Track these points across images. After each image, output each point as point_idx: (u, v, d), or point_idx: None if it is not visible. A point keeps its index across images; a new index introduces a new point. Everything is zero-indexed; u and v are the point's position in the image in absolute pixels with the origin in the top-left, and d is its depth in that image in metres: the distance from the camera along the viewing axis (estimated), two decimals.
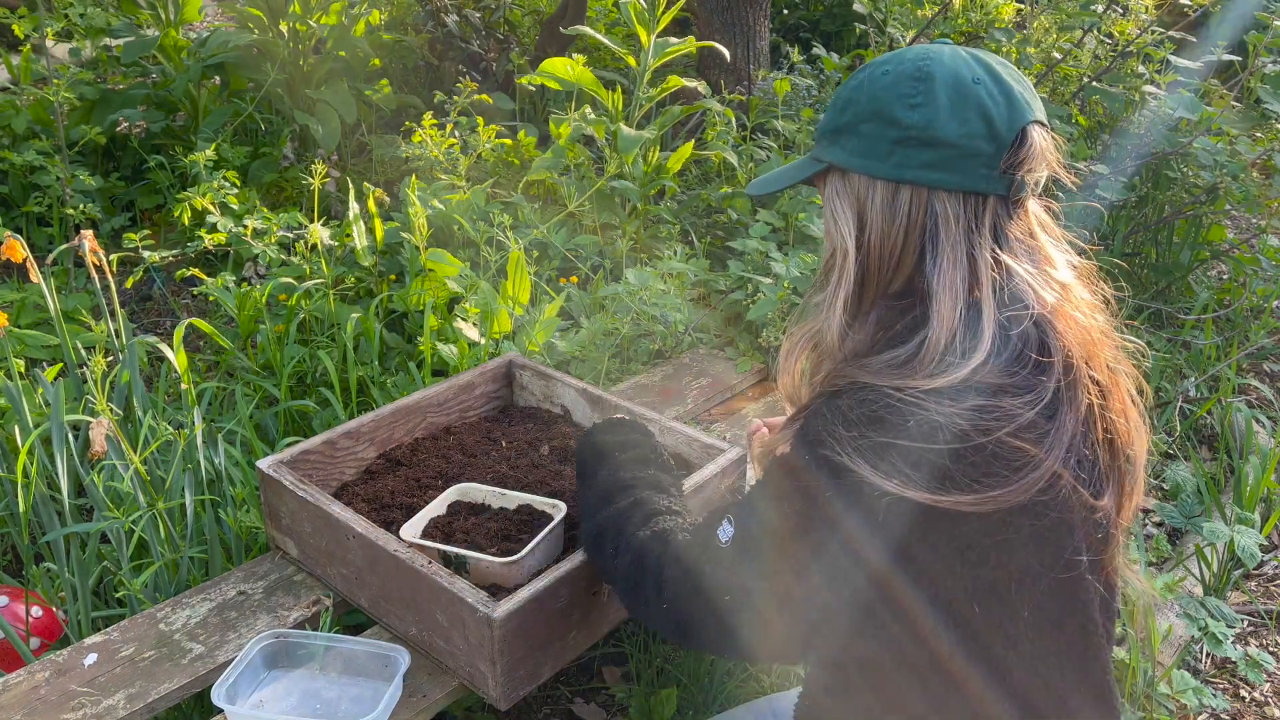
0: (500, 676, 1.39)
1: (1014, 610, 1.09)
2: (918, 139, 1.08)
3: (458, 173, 2.99)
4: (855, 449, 1.03)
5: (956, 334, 1.06)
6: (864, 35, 4.32)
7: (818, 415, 1.08)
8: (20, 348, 2.46)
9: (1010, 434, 1.01)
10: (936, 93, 1.08)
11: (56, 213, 3.47)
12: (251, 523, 1.85)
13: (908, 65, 1.11)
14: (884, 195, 1.11)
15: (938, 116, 1.08)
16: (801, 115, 3.42)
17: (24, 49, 4.28)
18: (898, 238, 1.11)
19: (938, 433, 1.01)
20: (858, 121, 1.12)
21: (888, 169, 1.10)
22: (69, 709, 1.42)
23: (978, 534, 1.04)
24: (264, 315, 2.53)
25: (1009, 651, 1.10)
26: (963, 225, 1.10)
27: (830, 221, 1.16)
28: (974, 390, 1.03)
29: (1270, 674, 2.26)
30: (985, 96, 1.09)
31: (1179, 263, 3.53)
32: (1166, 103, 3.21)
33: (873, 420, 1.03)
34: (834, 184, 1.16)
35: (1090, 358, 1.10)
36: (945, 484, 1.01)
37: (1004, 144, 1.08)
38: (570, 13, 4.59)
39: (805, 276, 2.40)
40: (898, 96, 1.09)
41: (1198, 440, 3.06)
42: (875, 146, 1.11)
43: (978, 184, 1.09)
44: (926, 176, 1.09)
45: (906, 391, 1.03)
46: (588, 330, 2.47)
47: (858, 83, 1.14)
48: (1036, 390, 1.04)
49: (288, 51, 4.01)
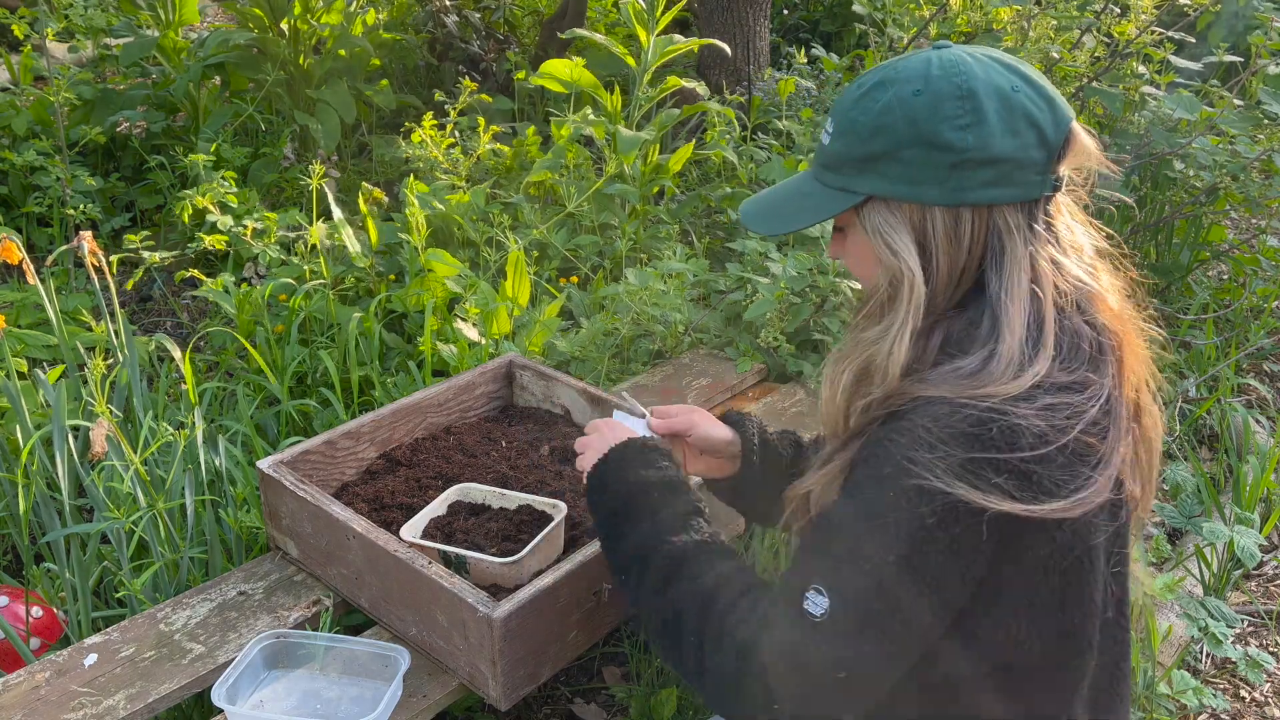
0: (500, 677, 1.39)
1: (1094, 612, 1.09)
2: (975, 160, 1.04)
3: (458, 173, 2.99)
4: (945, 469, 0.98)
5: (1023, 340, 1.05)
6: (864, 35, 4.33)
7: (888, 445, 1.03)
8: (20, 348, 2.46)
9: (1082, 431, 1.01)
10: (984, 109, 1.04)
11: (57, 213, 3.47)
12: (252, 523, 1.85)
13: (943, 83, 1.05)
14: (945, 220, 1.07)
15: (991, 134, 1.04)
16: (801, 115, 3.42)
17: (24, 49, 4.28)
18: (963, 259, 1.08)
19: (1021, 438, 0.99)
20: (897, 148, 1.06)
21: (945, 194, 1.06)
22: (69, 709, 1.42)
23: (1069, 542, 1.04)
24: (263, 316, 2.53)
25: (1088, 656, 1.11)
26: (1022, 232, 1.08)
27: (884, 252, 1.09)
28: (1042, 390, 1.02)
29: (1270, 674, 2.26)
30: (1029, 104, 1.06)
31: (1179, 263, 3.52)
32: (1165, 103, 3.21)
33: (955, 436, 0.99)
34: (877, 214, 1.10)
35: (1125, 345, 1.11)
36: (1038, 492, 0.99)
37: (1054, 149, 1.07)
38: (570, 13, 4.59)
39: (803, 276, 2.40)
40: (943, 119, 1.04)
41: (1197, 440, 3.06)
42: (925, 172, 1.06)
43: (1032, 191, 1.08)
44: (987, 195, 1.06)
45: (985, 400, 1.00)
46: (588, 330, 2.48)
47: (883, 106, 1.07)
48: (1094, 386, 1.04)
49: (288, 51, 4.01)
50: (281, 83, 3.97)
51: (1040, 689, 1.12)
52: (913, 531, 1.00)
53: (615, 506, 1.29)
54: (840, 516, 1.07)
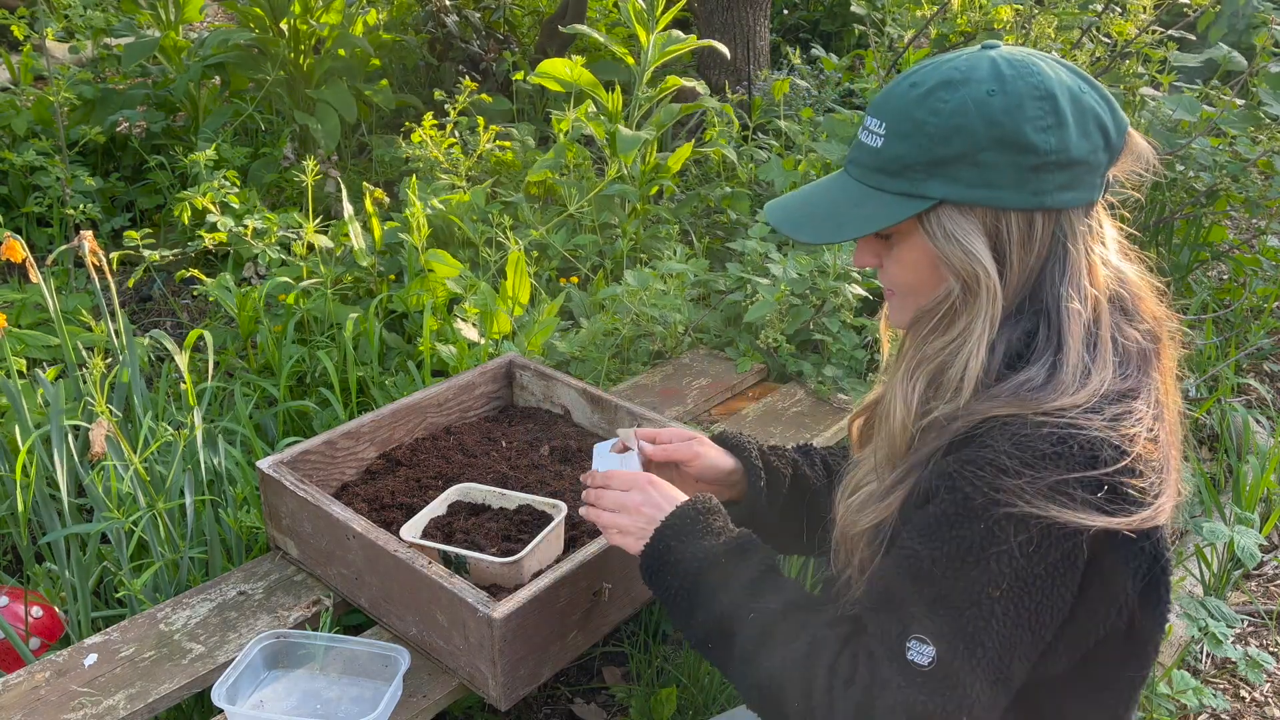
0: (500, 677, 1.39)
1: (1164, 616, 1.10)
2: (1056, 163, 1.02)
3: (458, 173, 2.99)
4: (1035, 493, 0.96)
5: (1084, 345, 1.03)
6: (863, 36, 4.33)
7: (965, 476, 0.99)
8: (20, 348, 2.46)
9: (1145, 437, 1.00)
10: (1063, 110, 1.02)
11: (57, 213, 3.47)
12: (251, 523, 1.85)
13: (1019, 84, 1.02)
14: (1020, 225, 1.04)
15: (1070, 136, 1.02)
16: (801, 115, 3.42)
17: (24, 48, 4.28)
18: (1034, 263, 1.05)
19: (1101, 451, 0.98)
20: (975, 151, 1.02)
21: (1023, 198, 1.03)
22: (69, 709, 1.42)
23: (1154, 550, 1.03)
24: (263, 315, 2.53)
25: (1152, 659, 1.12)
26: (1082, 237, 1.07)
27: (960, 258, 1.05)
28: (1106, 400, 1.01)
29: (1270, 674, 2.26)
30: (1096, 106, 1.05)
31: (1179, 263, 3.53)
32: (1165, 104, 3.21)
33: (1040, 458, 0.97)
34: (948, 220, 1.05)
35: (1163, 346, 1.10)
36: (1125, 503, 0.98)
37: (1116, 152, 1.06)
38: (570, 12, 4.59)
39: (803, 277, 2.40)
40: (1026, 120, 1.01)
41: (1197, 440, 3.06)
42: (1005, 176, 1.02)
43: (1094, 194, 1.07)
44: (1062, 199, 1.03)
45: (1059, 416, 0.98)
46: (588, 330, 2.48)
47: (956, 107, 1.03)
48: (1146, 390, 1.04)
49: (288, 51, 4.01)
50: (281, 82, 3.97)
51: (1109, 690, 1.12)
52: (1012, 563, 0.98)
53: (683, 586, 1.20)
54: (928, 557, 1.02)
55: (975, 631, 1.00)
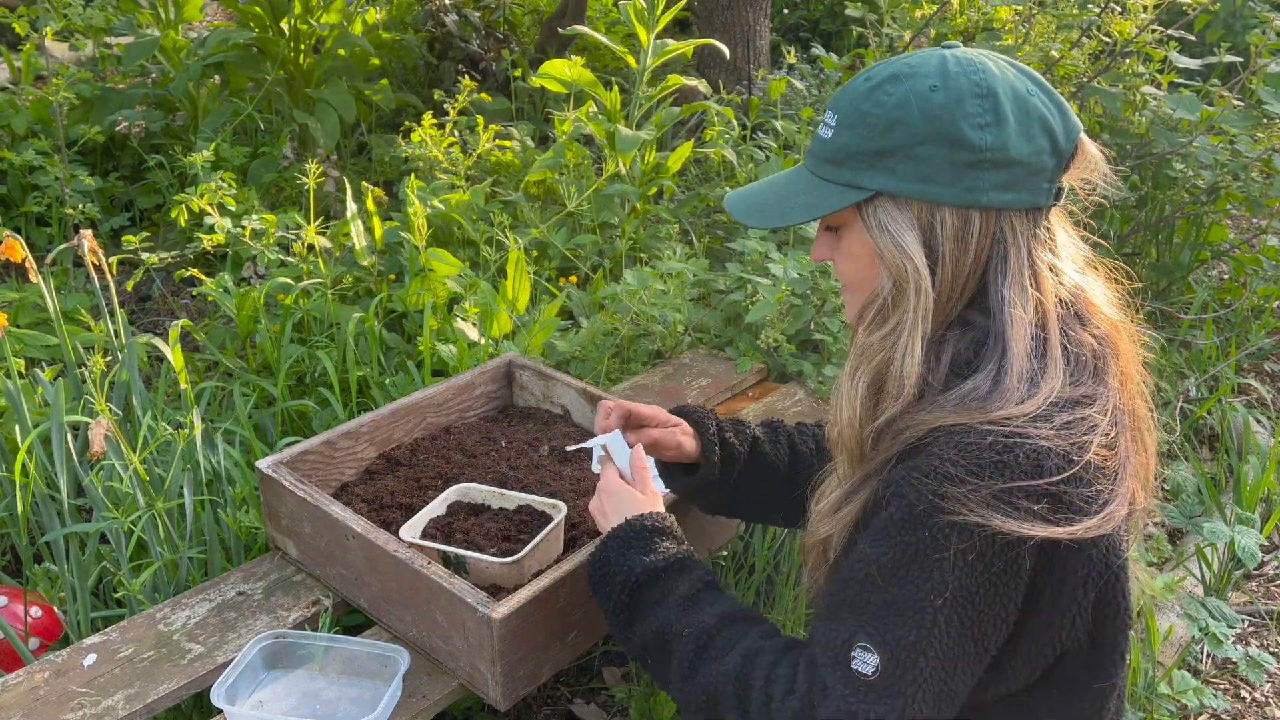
0: (500, 677, 1.39)
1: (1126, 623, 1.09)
2: (991, 161, 1.02)
3: (457, 172, 2.98)
4: (978, 502, 0.96)
5: (1029, 352, 1.03)
6: (863, 35, 4.33)
7: (914, 484, 0.99)
8: (20, 347, 2.45)
9: (1098, 445, 0.99)
10: (1004, 109, 1.02)
11: (55, 212, 3.47)
12: (251, 523, 1.85)
13: (962, 80, 1.03)
14: (954, 221, 1.04)
15: (1009, 136, 1.02)
16: (801, 115, 3.42)
17: (24, 47, 4.28)
18: (969, 264, 1.05)
19: (1046, 460, 0.97)
20: (911, 144, 1.03)
21: (958, 194, 1.03)
22: (68, 709, 1.42)
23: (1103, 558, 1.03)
24: (262, 315, 2.53)
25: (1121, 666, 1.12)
26: (1026, 240, 1.06)
27: (890, 251, 1.05)
28: (1057, 407, 1.00)
29: (1271, 674, 2.26)
30: (1043, 109, 1.04)
31: (1179, 263, 3.52)
32: (1166, 103, 3.21)
33: (984, 466, 0.97)
34: (883, 212, 1.06)
35: (1121, 352, 1.10)
36: (1070, 513, 0.98)
37: (1064, 157, 1.06)
38: (570, 12, 4.59)
39: (803, 278, 2.40)
40: (964, 116, 1.02)
41: (1198, 440, 3.06)
42: (940, 171, 1.03)
43: (1039, 198, 1.06)
44: (998, 198, 1.03)
45: (1005, 425, 0.98)
46: (587, 330, 2.47)
47: (898, 100, 1.04)
48: (1101, 397, 1.03)
49: (287, 50, 4.01)
50: (281, 82, 3.97)
51: (1078, 701, 1.12)
52: (955, 571, 0.98)
53: (621, 600, 1.24)
54: (874, 564, 1.02)
55: (918, 640, 1.00)
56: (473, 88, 3.16)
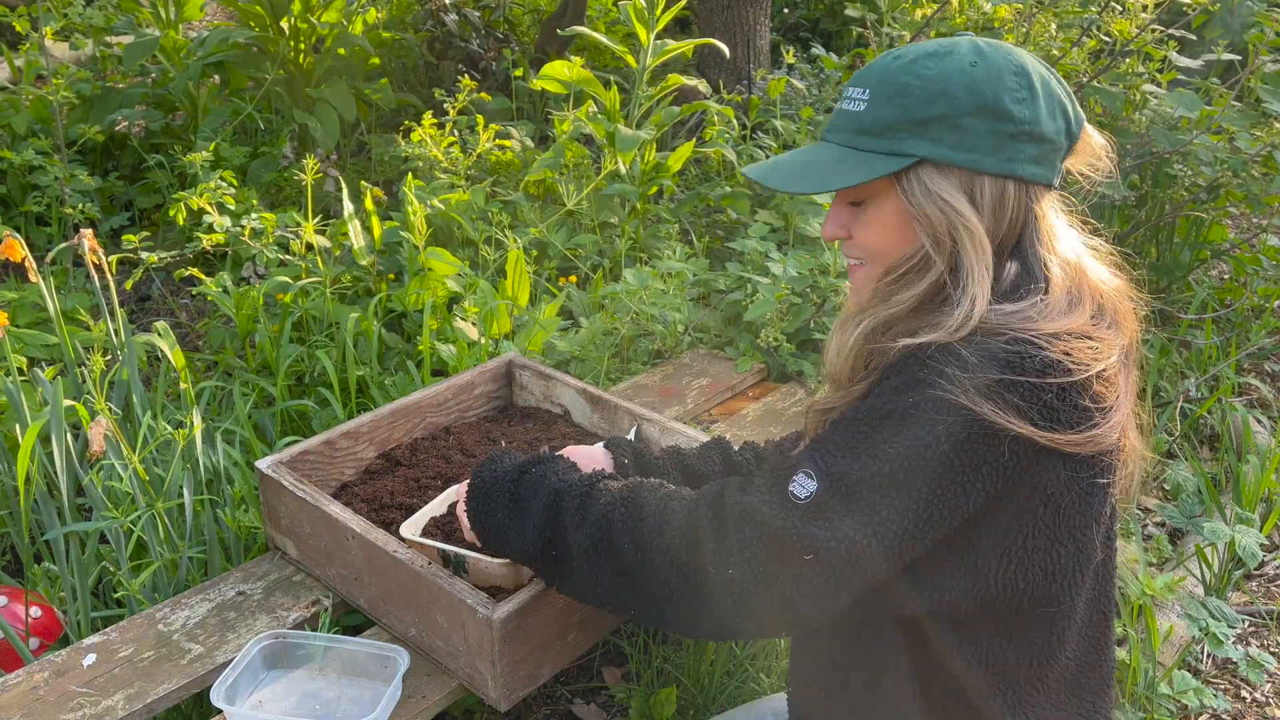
0: (500, 678, 1.38)
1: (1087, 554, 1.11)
2: (1028, 134, 1.08)
3: (457, 172, 2.98)
4: (974, 386, 1.00)
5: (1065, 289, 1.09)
6: (863, 35, 4.32)
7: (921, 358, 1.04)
8: (19, 347, 2.45)
9: (1098, 376, 1.04)
10: (1036, 88, 1.08)
11: (55, 212, 3.47)
12: (251, 523, 1.85)
13: (998, 58, 1.09)
14: (993, 190, 1.09)
15: (1041, 112, 1.08)
16: (801, 114, 3.42)
17: (24, 47, 4.27)
18: (1002, 233, 1.10)
19: (1051, 371, 1.01)
20: (956, 115, 1.07)
21: (998, 163, 1.08)
22: (68, 709, 1.42)
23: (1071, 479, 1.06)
24: (261, 315, 2.53)
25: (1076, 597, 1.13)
26: (1049, 217, 1.13)
27: (938, 215, 1.09)
28: (1073, 336, 1.05)
29: (1271, 674, 2.25)
30: (1060, 93, 1.11)
31: (1179, 262, 3.52)
32: (1166, 101, 3.20)
33: (991, 357, 1.01)
34: (928, 178, 1.09)
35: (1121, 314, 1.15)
36: (1054, 423, 1.01)
37: (1074, 140, 1.12)
38: (570, 12, 4.59)
39: (803, 276, 2.40)
40: (1005, 90, 1.07)
41: (1198, 440, 3.06)
42: (983, 141, 1.07)
43: (1053, 177, 1.12)
44: (1030, 171, 1.09)
45: (1025, 331, 1.03)
46: (587, 330, 2.47)
47: (940, 73, 1.08)
48: (1113, 341, 1.08)
49: (287, 50, 4.01)
50: (281, 81, 3.96)
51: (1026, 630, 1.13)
52: (928, 438, 1.01)
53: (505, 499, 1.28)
54: (855, 411, 1.07)
55: (861, 480, 1.02)
56: (473, 87, 3.16)
